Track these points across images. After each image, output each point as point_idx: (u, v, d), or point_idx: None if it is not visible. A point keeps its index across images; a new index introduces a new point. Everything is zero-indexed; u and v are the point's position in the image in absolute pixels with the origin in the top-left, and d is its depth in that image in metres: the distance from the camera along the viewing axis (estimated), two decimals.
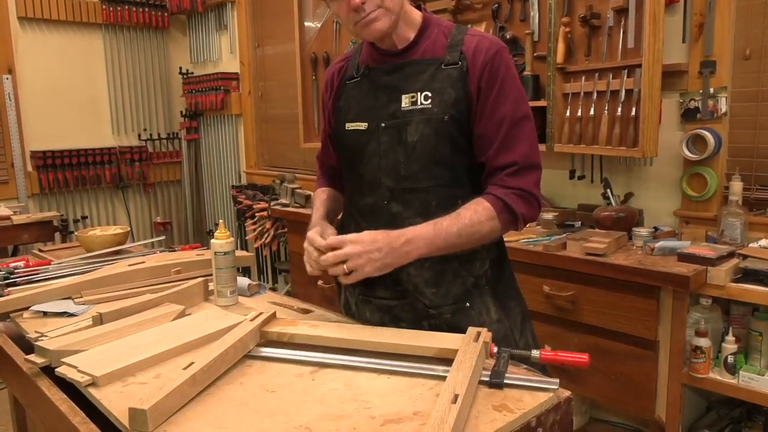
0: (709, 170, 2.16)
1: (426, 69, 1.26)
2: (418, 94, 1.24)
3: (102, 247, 2.02)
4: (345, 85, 1.36)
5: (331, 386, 1.02)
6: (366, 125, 1.29)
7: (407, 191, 1.27)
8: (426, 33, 1.29)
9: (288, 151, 4.17)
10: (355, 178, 1.36)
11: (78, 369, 1.05)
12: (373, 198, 1.30)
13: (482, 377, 1.00)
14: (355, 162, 1.33)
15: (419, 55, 1.27)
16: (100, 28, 4.51)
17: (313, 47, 3.44)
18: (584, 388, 2.07)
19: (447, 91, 1.23)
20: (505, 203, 1.20)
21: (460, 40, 1.25)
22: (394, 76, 1.28)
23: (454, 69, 1.23)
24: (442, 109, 1.22)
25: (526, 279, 2.11)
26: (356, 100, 1.33)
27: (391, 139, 1.26)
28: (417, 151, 1.24)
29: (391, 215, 1.28)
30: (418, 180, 1.26)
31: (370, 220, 1.31)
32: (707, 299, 1.89)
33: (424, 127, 1.23)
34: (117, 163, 4.62)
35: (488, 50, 1.22)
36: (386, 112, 1.27)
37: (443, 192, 1.26)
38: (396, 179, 1.27)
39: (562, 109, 2.40)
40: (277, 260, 4.01)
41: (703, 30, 2.13)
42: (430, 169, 1.25)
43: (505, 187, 1.22)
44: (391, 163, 1.27)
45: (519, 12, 2.59)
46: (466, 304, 1.28)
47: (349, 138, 1.32)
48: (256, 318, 1.20)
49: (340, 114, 1.35)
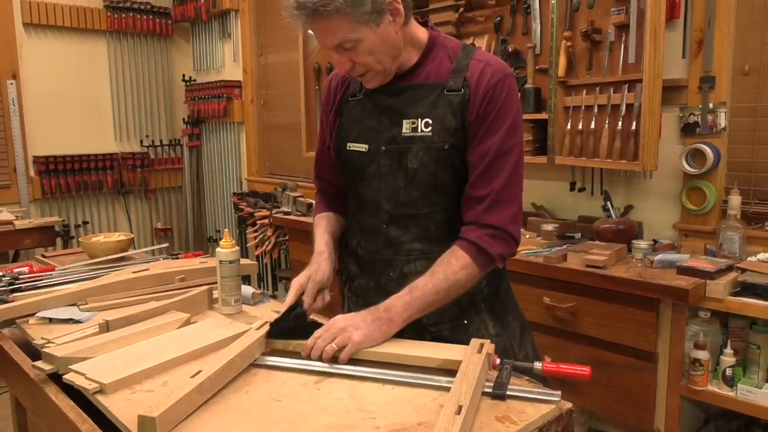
0: (708, 184, 2.18)
1: (428, 94, 1.24)
2: (419, 120, 1.23)
3: (106, 253, 2.04)
4: (347, 101, 1.36)
5: (336, 396, 1.04)
6: (367, 147, 1.29)
7: (406, 216, 1.27)
8: (431, 55, 1.27)
9: (290, 159, 4.20)
10: (356, 198, 1.37)
11: (86, 376, 1.07)
12: (373, 220, 1.31)
13: (485, 388, 1.02)
14: (356, 182, 1.34)
15: (422, 78, 1.26)
16: (104, 34, 4.54)
17: (316, 57, 3.47)
18: (584, 399, 2.09)
19: (447, 119, 1.22)
20: (480, 247, 1.19)
21: (465, 65, 1.23)
22: (396, 99, 1.27)
23: (456, 96, 1.22)
24: (442, 137, 1.22)
25: (526, 290, 2.13)
26: (358, 119, 1.32)
27: (391, 163, 1.26)
28: (417, 178, 1.24)
29: (390, 239, 1.29)
30: (417, 206, 1.26)
31: (370, 240, 1.33)
32: (706, 312, 1.90)
33: (423, 155, 1.23)
34: (119, 169, 4.64)
35: (491, 78, 1.21)
36: (387, 135, 1.27)
37: (442, 217, 1.27)
38: (395, 204, 1.27)
39: (563, 121, 2.42)
40: (277, 268, 4.02)
41: (703, 46, 2.16)
42: (429, 195, 1.25)
43: (480, 225, 1.20)
44: (390, 187, 1.27)
45: (521, 25, 2.62)
46: (463, 322, 1.29)
47: (350, 158, 1.33)
48: (262, 327, 1.21)
49: (341, 132, 1.35)
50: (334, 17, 1.13)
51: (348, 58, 1.20)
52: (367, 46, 1.18)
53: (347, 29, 1.15)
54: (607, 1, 2.25)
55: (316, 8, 1.12)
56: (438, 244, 1.25)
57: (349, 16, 1.13)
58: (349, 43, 1.17)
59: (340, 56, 1.21)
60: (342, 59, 1.21)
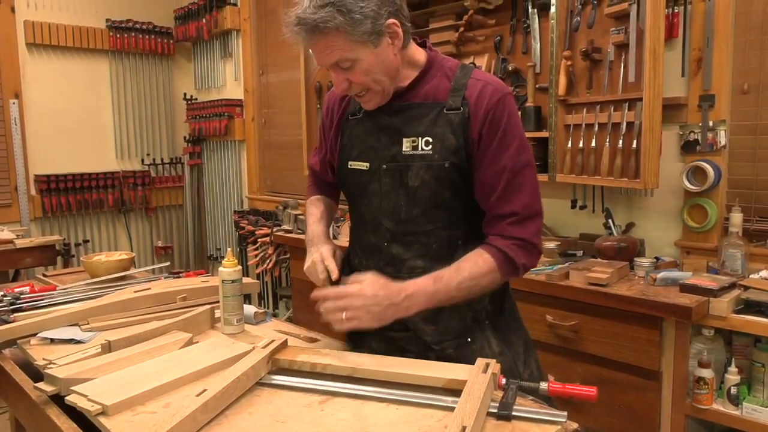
0: (710, 201, 2.19)
1: (428, 113, 1.25)
2: (419, 139, 1.24)
3: (107, 272, 2.03)
4: (347, 120, 1.37)
5: (340, 417, 1.03)
6: (368, 165, 1.30)
7: (408, 234, 1.28)
8: (429, 74, 1.28)
9: (290, 176, 4.20)
10: (356, 216, 1.38)
11: (88, 397, 1.06)
12: (375, 237, 1.32)
13: (491, 409, 1.01)
14: (356, 200, 1.35)
15: (421, 98, 1.27)
16: (106, 54, 4.58)
17: (317, 76, 3.49)
18: (587, 418, 2.07)
19: (448, 137, 1.23)
20: (507, 255, 1.21)
21: (464, 84, 1.24)
22: (396, 118, 1.28)
23: (456, 114, 1.23)
24: (442, 155, 1.23)
25: (529, 308, 2.12)
26: (359, 138, 1.33)
27: (392, 181, 1.27)
28: (418, 196, 1.25)
29: (392, 256, 1.30)
30: (419, 224, 1.27)
31: (371, 258, 1.33)
32: (709, 330, 1.90)
33: (424, 172, 1.24)
34: (120, 188, 4.64)
35: (491, 97, 1.22)
36: (387, 153, 1.28)
37: (443, 234, 1.27)
38: (396, 222, 1.28)
39: (564, 140, 2.43)
40: (278, 286, 4.01)
41: (702, 65, 2.17)
42: (430, 212, 1.26)
43: (506, 237, 1.22)
44: (391, 205, 1.28)
45: (521, 45, 2.64)
46: (467, 339, 1.29)
47: (351, 176, 1.34)
48: (267, 345, 1.21)
49: (343, 151, 1.36)
50: (333, 34, 1.15)
51: (345, 77, 1.21)
52: (364, 67, 1.19)
53: (345, 48, 1.16)
54: (607, 20, 2.27)
55: (316, 24, 1.14)
56: (439, 261, 1.25)
57: (348, 34, 1.15)
58: (347, 62, 1.18)
59: (337, 75, 1.22)
60: (339, 78, 1.22)
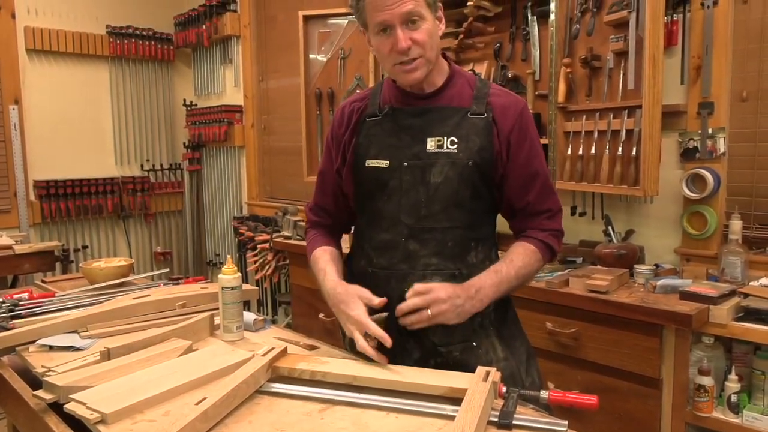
0: (709, 209, 2.19)
1: (452, 116, 1.31)
2: (445, 138, 1.30)
3: (106, 279, 2.03)
4: (365, 122, 1.39)
5: (339, 425, 1.03)
6: (388, 163, 1.33)
7: (426, 230, 1.31)
8: (452, 81, 1.35)
9: (290, 183, 4.20)
10: (371, 214, 1.38)
11: (87, 405, 1.06)
12: (390, 234, 1.33)
13: (491, 417, 1.01)
14: (374, 198, 1.35)
15: (445, 102, 1.33)
16: (106, 60, 4.58)
17: (318, 83, 3.50)
18: (587, 426, 2.06)
19: (472, 139, 1.29)
20: (547, 244, 1.36)
21: (486, 93, 1.33)
22: (420, 119, 1.32)
23: (480, 119, 1.30)
24: (467, 155, 1.28)
25: (529, 315, 2.12)
26: (378, 138, 1.35)
27: (413, 178, 1.30)
28: (439, 192, 1.29)
29: (408, 252, 1.31)
30: (438, 220, 1.30)
31: (383, 256, 1.34)
32: (709, 338, 1.89)
33: (449, 169, 1.28)
34: (119, 193, 4.64)
35: (516, 107, 1.33)
36: (409, 152, 1.31)
37: (459, 233, 1.31)
38: (416, 218, 1.31)
39: (564, 147, 2.44)
40: (277, 292, 4.01)
41: (701, 72, 2.18)
42: (449, 210, 1.30)
43: (544, 229, 1.37)
44: (412, 201, 1.30)
45: (520, 52, 2.65)
46: (473, 343, 1.31)
47: (369, 174, 1.35)
48: (267, 353, 1.20)
49: (359, 150, 1.37)
50: None
51: (409, 35, 1.23)
52: (428, 27, 1.24)
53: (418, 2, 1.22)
54: (606, 28, 2.27)
55: None
56: (453, 260, 1.31)
57: None
58: (416, 16, 1.22)
59: (402, 32, 1.23)
60: (404, 35, 1.23)
